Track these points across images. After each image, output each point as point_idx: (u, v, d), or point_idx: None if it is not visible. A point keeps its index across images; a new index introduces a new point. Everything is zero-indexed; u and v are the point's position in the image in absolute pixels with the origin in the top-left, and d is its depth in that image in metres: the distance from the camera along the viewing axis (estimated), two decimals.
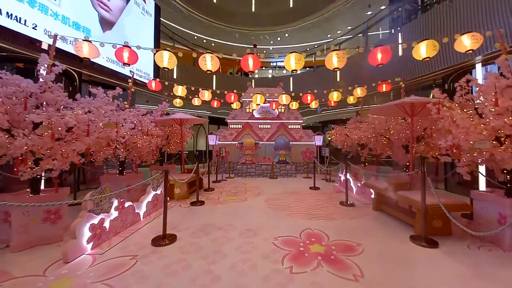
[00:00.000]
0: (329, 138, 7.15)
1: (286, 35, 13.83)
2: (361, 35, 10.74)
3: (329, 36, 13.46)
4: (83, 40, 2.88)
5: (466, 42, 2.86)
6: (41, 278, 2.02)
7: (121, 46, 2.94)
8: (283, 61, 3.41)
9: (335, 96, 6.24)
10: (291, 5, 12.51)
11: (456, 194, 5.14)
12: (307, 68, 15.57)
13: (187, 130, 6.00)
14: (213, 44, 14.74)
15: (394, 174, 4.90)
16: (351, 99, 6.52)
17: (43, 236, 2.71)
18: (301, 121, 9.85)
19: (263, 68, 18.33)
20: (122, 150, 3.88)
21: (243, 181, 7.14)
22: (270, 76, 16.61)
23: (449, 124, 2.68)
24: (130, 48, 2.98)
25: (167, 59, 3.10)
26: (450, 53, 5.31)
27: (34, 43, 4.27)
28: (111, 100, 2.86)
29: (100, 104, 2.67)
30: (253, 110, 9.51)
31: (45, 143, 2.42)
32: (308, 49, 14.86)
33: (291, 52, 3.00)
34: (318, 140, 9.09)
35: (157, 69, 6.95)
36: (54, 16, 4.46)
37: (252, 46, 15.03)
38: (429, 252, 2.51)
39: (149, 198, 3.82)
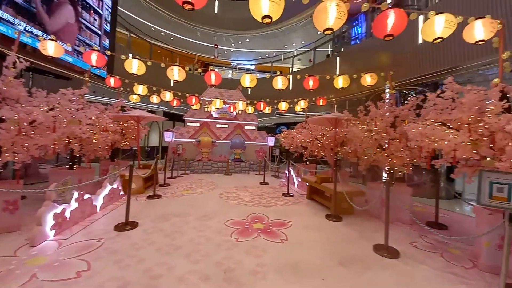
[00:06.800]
0: (281, 140, 8.18)
1: (247, 40, 14.66)
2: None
3: (285, 46, 14.84)
4: (49, 39, 2.93)
5: (367, 79, 4.08)
6: (14, 258, 2.20)
7: (90, 50, 3.10)
8: (244, 64, 4.07)
9: (283, 105, 7.30)
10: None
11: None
12: (265, 73, 16.73)
13: (143, 127, 6.08)
14: (171, 38, 14.43)
15: (323, 170, 6.15)
16: (298, 108, 7.70)
17: (3, 226, 2.74)
18: (257, 123, 10.75)
19: (223, 67, 18.72)
20: (76, 144, 3.91)
21: (199, 177, 7.57)
22: (230, 76, 17.13)
23: (352, 135, 3.81)
24: (99, 51, 3.16)
25: (136, 67, 3.37)
26: None
27: None
28: (77, 98, 3.01)
29: (66, 102, 2.83)
30: (211, 111, 9.93)
31: (9, 137, 2.51)
32: (267, 55, 16.00)
33: (247, 73, 3.71)
34: (271, 141, 10.13)
35: (111, 63, 6.72)
36: None
37: (214, 46, 15.35)
38: (334, 224, 3.57)
39: (106, 191, 3.99)
